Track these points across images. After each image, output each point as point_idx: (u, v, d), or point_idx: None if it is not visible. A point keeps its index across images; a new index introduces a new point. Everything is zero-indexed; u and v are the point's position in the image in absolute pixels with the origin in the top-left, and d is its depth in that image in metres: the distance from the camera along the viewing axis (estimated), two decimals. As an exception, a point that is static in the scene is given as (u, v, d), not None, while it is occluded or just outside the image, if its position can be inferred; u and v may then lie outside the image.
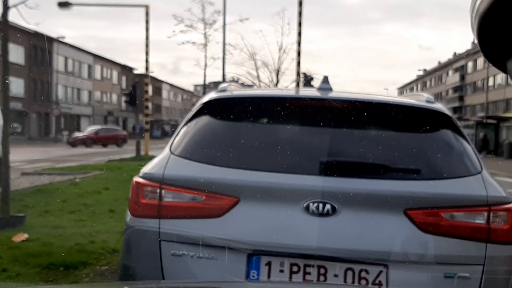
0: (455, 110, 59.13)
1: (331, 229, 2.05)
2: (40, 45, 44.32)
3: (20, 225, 5.86)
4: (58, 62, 49.94)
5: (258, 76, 23.10)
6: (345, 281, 2.05)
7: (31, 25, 36.00)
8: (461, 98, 62.81)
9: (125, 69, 62.94)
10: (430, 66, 78.72)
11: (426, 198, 2.09)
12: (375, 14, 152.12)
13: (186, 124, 2.42)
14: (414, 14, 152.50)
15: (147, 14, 20.01)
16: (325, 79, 2.59)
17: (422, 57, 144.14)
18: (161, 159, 2.29)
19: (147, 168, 2.29)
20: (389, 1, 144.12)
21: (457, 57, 63.97)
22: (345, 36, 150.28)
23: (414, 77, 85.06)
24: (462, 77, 61.84)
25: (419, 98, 2.59)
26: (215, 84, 28.57)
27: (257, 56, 24.12)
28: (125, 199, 2.88)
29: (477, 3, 0.74)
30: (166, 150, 2.33)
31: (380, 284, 2.05)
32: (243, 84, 20.34)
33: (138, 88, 21.27)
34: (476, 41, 0.82)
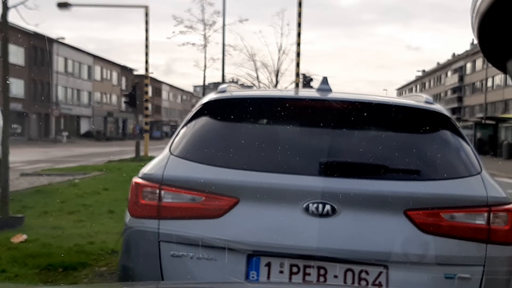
0: (454, 111, 59.12)
1: (331, 230, 2.04)
2: (40, 46, 44.29)
3: (19, 226, 5.85)
4: (58, 63, 49.92)
5: (257, 77, 23.14)
6: (345, 282, 2.04)
7: (30, 26, 35.92)
8: (460, 99, 62.83)
9: (125, 70, 62.93)
10: (427, 67, 78.88)
11: (426, 199, 2.09)
12: (370, 16, 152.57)
13: (185, 124, 2.41)
14: (408, 16, 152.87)
15: (146, 15, 20.01)
16: (325, 80, 2.59)
17: (417, 58, 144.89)
18: (161, 160, 2.29)
19: (147, 168, 2.29)
20: (383, 3, 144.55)
21: (456, 58, 64.01)
22: (341, 37, 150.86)
23: (412, 77, 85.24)
24: (461, 78, 61.85)
25: (418, 99, 2.59)
26: (215, 85, 28.57)
27: (257, 57, 24.13)
28: (124, 200, 2.88)
29: (478, 3, 0.73)
30: (166, 151, 2.33)
31: (380, 285, 2.04)
32: (242, 85, 20.34)
33: (138, 89, 21.28)
34: (476, 41, 0.82)
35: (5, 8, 6.29)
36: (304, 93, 3.52)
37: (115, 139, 52.58)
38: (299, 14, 16.37)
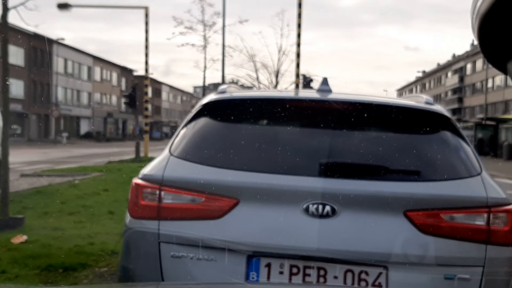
0: (454, 111, 59.10)
1: (331, 231, 2.04)
2: (40, 47, 44.31)
3: (19, 227, 5.85)
4: (58, 64, 49.93)
5: (257, 78, 23.14)
6: (344, 282, 2.05)
7: (30, 27, 35.97)
8: (460, 100, 62.82)
9: (125, 71, 62.95)
10: (427, 67, 78.93)
11: (426, 200, 2.09)
12: (369, 17, 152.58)
13: (185, 125, 2.42)
14: (407, 17, 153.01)
15: (146, 15, 20.02)
16: (325, 81, 2.59)
17: (417, 59, 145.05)
18: (161, 161, 2.29)
19: (147, 169, 2.29)
20: (382, 4, 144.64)
21: (456, 59, 64.00)
22: (340, 38, 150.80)
23: (412, 78, 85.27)
24: (461, 79, 61.84)
25: (418, 100, 2.59)
26: (215, 86, 28.57)
27: (257, 57, 24.17)
28: (124, 201, 2.88)
29: (478, 4, 0.74)
30: (166, 152, 2.33)
31: (379, 285, 2.04)
32: (242, 86, 20.34)
33: (138, 89, 21.29)
34: (476, 42, 0.82)
35: (5, 9, 6.30)
36: (304, 94, 3.53)
37: (115, 140, 52.55)
38: (299, 15, 16.38)
